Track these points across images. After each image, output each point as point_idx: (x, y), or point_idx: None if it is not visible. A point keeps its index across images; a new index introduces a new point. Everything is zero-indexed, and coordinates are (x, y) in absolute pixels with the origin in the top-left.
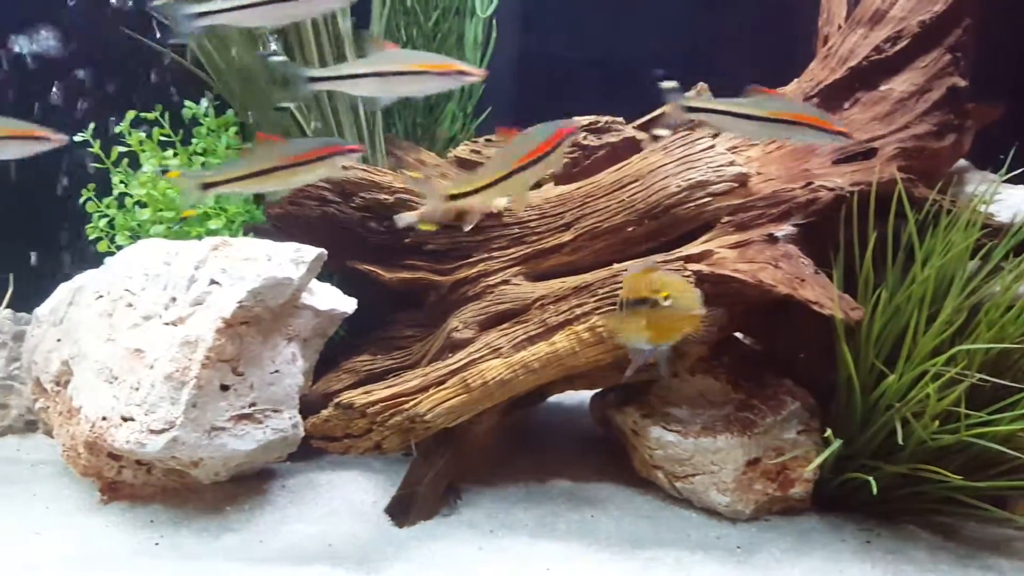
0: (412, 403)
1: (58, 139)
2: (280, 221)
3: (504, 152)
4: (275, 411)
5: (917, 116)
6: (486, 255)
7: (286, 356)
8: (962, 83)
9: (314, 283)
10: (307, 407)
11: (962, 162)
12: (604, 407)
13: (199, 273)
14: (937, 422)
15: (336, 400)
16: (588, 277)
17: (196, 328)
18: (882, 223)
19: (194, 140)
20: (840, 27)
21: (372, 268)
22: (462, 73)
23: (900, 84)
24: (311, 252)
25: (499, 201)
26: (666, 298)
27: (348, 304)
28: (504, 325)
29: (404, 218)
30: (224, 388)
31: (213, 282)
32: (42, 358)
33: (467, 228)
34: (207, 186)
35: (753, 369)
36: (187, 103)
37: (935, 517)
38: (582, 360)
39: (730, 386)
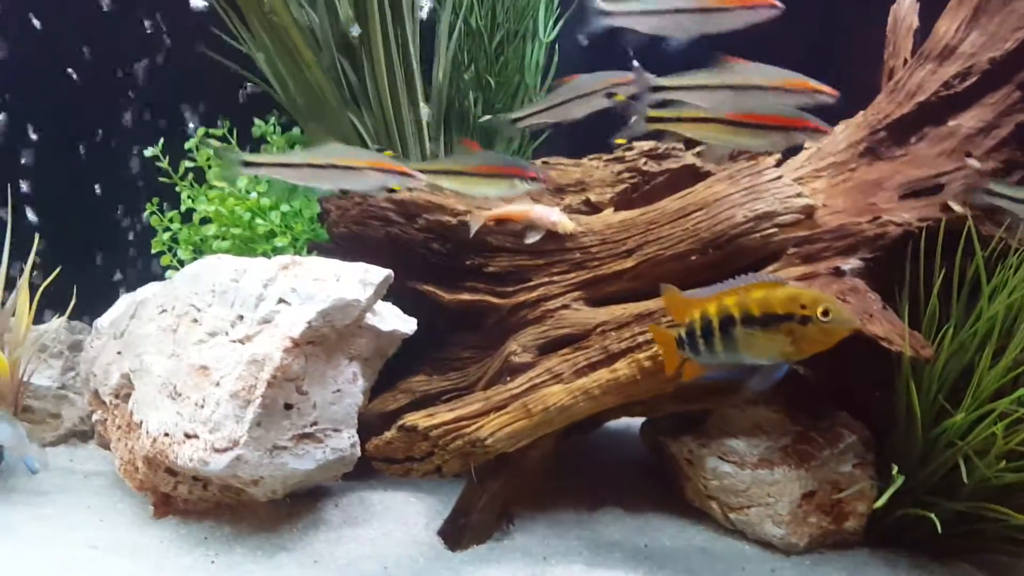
0: (474, 427)
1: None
2: (344, 240)
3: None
4: (335, 431)
5: (985, 152)
6: (547, 279)
7: (348, 375)
8: None
9: (377, 303)
10: (363, 426)
11: None
12: (657, 434)
13: (268, 291)
14: (1003, 461)
15: (400, 422)
16: (651, 304)
17: (263, 346)
18: (949, 259)
19: None
20: (906, 61)
21: (433, 289)
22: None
23: (968, 120)
24: (379, 274)
25: (566, 223)
26: (825, 313)
27: (409, 325)
28: (565, 350)
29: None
30: (288, 407)
31: (282, 301)
32: (101, 370)
33: (529, 241)
34: (247, 164)
35: (810, 401)
36: (256, 120)
37: (991, 555)
38: (643, 388)
39: (787, 418)
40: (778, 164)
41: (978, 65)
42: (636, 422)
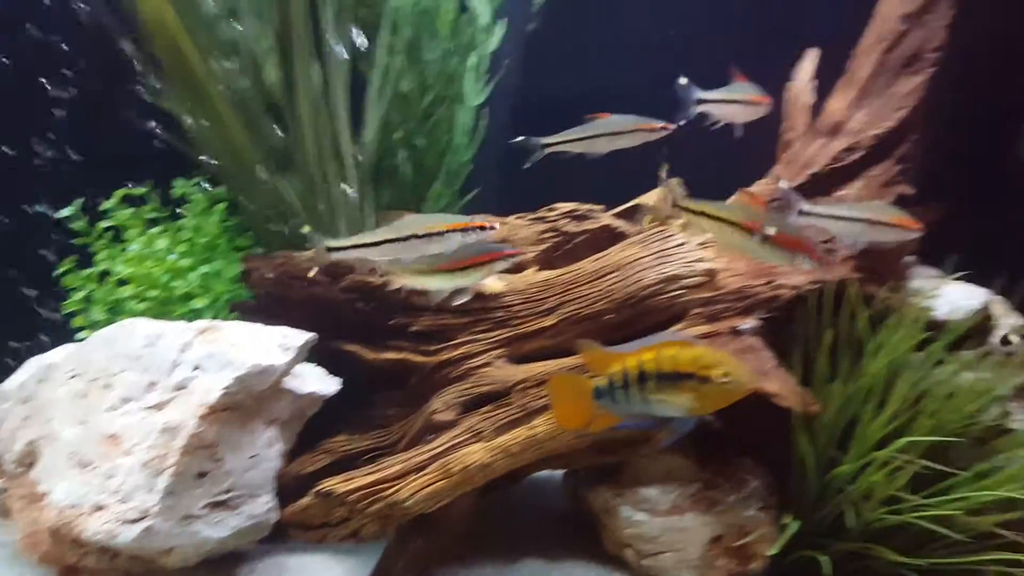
0: (393, 490)
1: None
2: (267, 300)
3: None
4: (251, 496)
5: None
6: (470, 337)
7: (265, 440)
8: (909, 191)
9: (297, 365)
10: (282, 488)
11: (910, 258)
12: (576, 485)
13: (184, 357)
14: (880, 508)
15: (316, 488)
16: (568, 361)
17: (177, 414)
18: (837, 318)
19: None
20: (803, 134)
21: (357, 349)
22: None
23: (855, 190)
24: (298, 338)
25: (493, 283)
26: (725, 375)
27: (330, 386)
28: (486, 408)
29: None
30: (201, 475)
31: (197, 367)
32: (6, 436)
33: (456, 303)
34: (330, 249)
35: (717, 448)
36: (176, 181)
37: None
38: (561, 443)
39: (696, 465)
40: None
41: (864, 141)
42: (559, 473)
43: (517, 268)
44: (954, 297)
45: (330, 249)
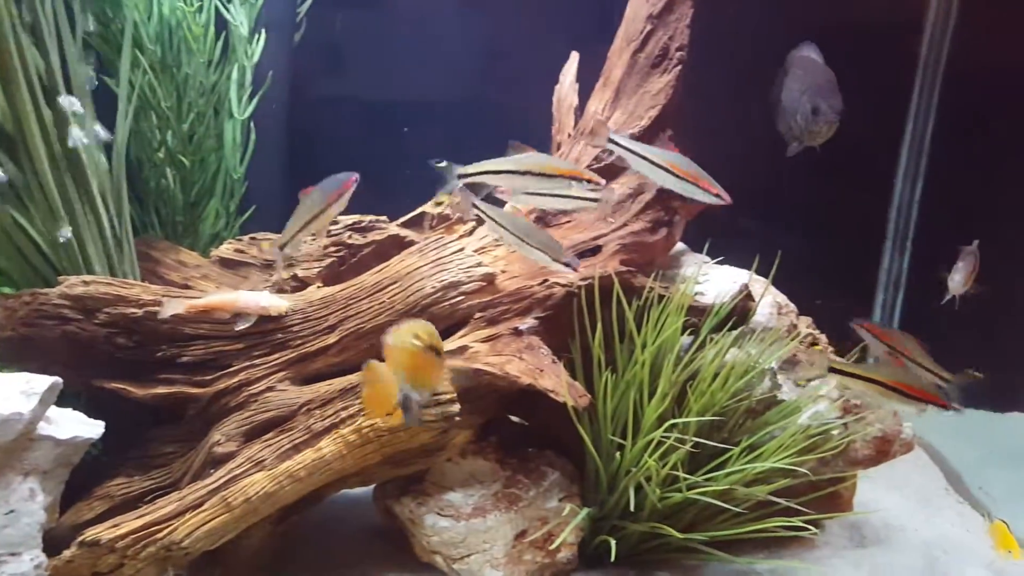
0: (167, 530)
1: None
2: (13, 346)
3: None
4: (12, 555)
5: (634, 215)
6: (247, 363)
7: (23, 493)
8: None
9: (53, 410)
10: (54, 542)
11: (681, 246)
12: (385, 498)
13: None
14: (658, 489)
15: (80, 537)
16: (353, 378)
17: None
18: (610, 310)
19: None
20: (569, 135)
21: (123, 386)
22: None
23: (619, 187)
24: (43, 382)
25: (278, 305)
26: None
27: (94, 429)
28: (268, 435)
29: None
30: None
31: None
32: None
33: (239, 328)
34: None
35: (518, 445)
36: None
37: (683, 561)
38: (350, 462)
39: (498, 464)
40: (471, 232)
41: None
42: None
43: (301, 285)
44: (720, 281)
45: (461, 176)
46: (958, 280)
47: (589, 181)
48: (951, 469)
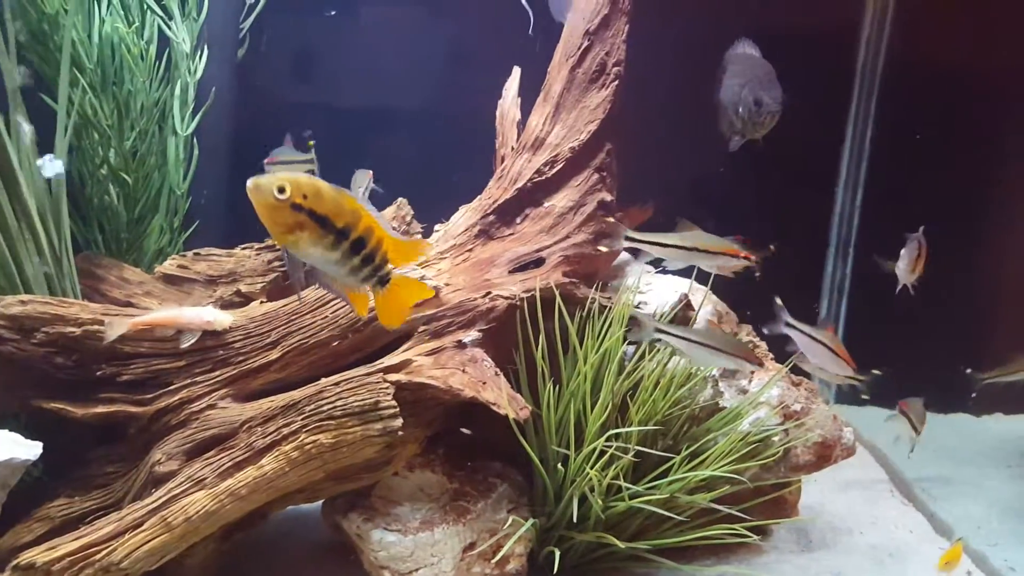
0: (106, 552)
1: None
2: None
3: None
4: None
5: (576, 227)
6: (188, 381)
7: None
8: (609, 197)
9: None
10: None
11: (625, 255)
12: (333, 513)
13: None
14: (600, 499)
15: (14, 562)
16: (296, 394)
17: None
18: (552, 322)
19: None
20: (513, 148)
21: (62, 406)
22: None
23: (560, 200)
24: None
25: (223, 319)
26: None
27: (31, 450)
28: (210, 453)
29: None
30: None
31: None
32: None
33: (185, 345)
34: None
35: (467, 456)
36: None
37: (632, 569)
38: (293, 479)
39: (445, 477)
40: None
41: (562, 154)
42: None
43: (245, 300)
44: (662, 291)
45: (628, 238)
46: (903, 267)
47: (747, 258)
48: (895, 470)
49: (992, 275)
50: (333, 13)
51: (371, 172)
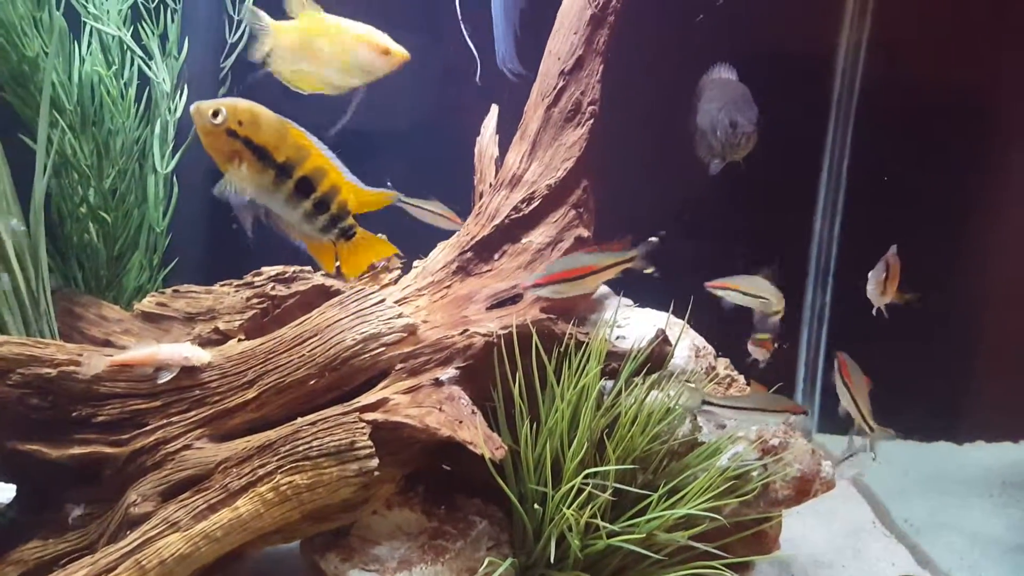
0: None
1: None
2: None
3: None
4: None
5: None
6: (164, 421)
7: None
8: (586, 233)
9: None
10: None
11: (604, 289)
12: (312, 552)
13: None
14: (577, 539)
15: None
16: (271, 434)
17: None
18: (530, 358)
19: None
20: (491, 185)
21: (36, 447)
22: None
23: (538, 237)
24: None
25: (201, 356)
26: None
27: (3, 493)
28: (185, 495)
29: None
30: None
31: None
32: None
33: (162, 381)
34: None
35: (446, 494)
36: None
37: None
38: (268, 521)
39: (424, 515)
40: (396, 281)
41: (539, 191)
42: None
43: (224, 338)
44: (640, 325)
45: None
46: (872, 289)
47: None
48: (877, 501)
49: (973, 303)
50: None
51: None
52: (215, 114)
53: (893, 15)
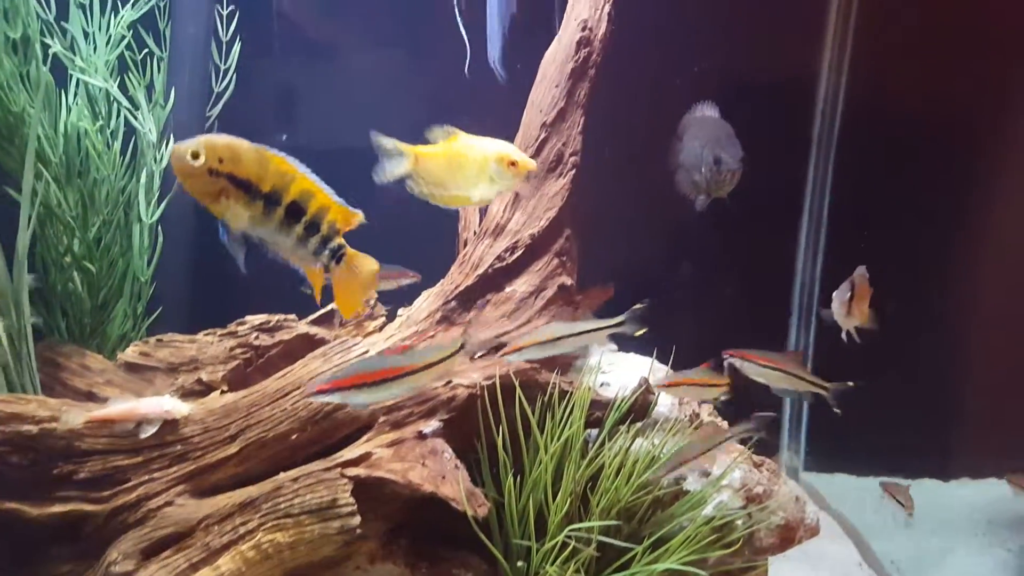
0: None
1: None
2: None
3: None
4: None
5: (537, 311)
6: (146, 477)
7: None
8: (569, 281)
9: None
10: None
11: None
12: None
13: None
14: None
15: None
16: (253, 491)
17: None
18: (514, 408)
19: None
20: (475, 233)
21: (15, 506)
22: None
23: (521, 285)
24: None
25: (181, 408)
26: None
27: None
28: (166, 553)
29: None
30: None
31: None
32: None
33: (144, 436)
34: None
35: (430, 547)
36: None
37: None
38: None
39: (408, 569)
40: (380, 329)
41: (522, 240)
42: None
43: (207, 388)
44: (624, 370)
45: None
46: (836, 309)
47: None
48: (863, 541)
49: (958, 341)
50: (284, 137)
51: None
52: (195, 156)
53: (873, 48)
